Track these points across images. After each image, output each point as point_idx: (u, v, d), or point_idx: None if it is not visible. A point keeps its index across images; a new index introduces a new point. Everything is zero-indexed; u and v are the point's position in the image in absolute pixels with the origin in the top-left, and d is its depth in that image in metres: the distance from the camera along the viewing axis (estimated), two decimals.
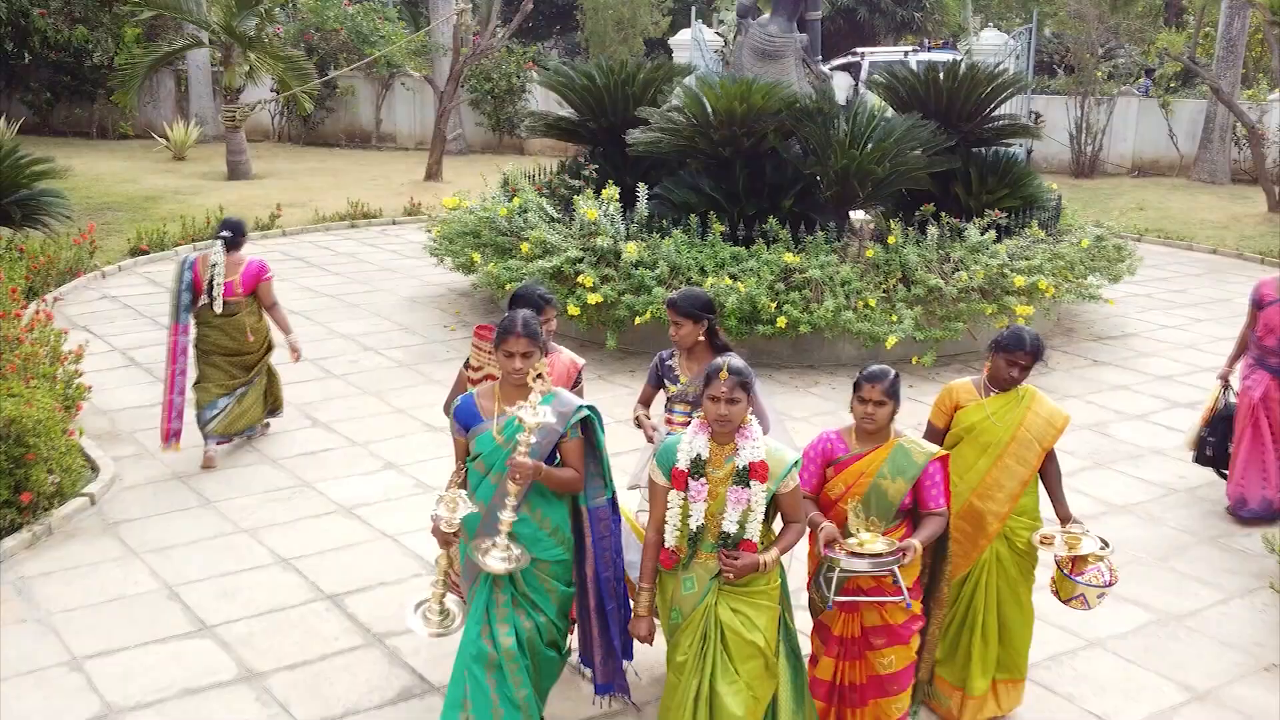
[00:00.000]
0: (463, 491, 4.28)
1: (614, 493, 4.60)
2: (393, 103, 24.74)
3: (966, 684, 4.96)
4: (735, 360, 4.13)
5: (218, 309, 7.50)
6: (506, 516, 4.21)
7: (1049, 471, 5.00)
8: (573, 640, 4.97)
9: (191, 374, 7.65)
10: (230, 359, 7.69)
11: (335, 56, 23.37)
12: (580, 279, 9.85)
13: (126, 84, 19.12)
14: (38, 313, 8.53)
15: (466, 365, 5.09)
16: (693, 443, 4.16)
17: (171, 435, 7.52)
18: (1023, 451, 4.88)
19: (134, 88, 19.25)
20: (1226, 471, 7.37)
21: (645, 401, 5.50)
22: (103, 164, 20.16)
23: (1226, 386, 7.51)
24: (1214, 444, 7.41)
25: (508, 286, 10.24)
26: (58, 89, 23.67)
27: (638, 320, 9.60)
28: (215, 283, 7.44)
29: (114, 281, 12.70)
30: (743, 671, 4.12)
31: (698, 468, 4.13)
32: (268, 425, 8.20)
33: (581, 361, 5.18)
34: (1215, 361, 10.70)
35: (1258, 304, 7.25)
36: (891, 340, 9.50)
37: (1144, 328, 11.75)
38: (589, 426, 4.41)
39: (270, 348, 7.93)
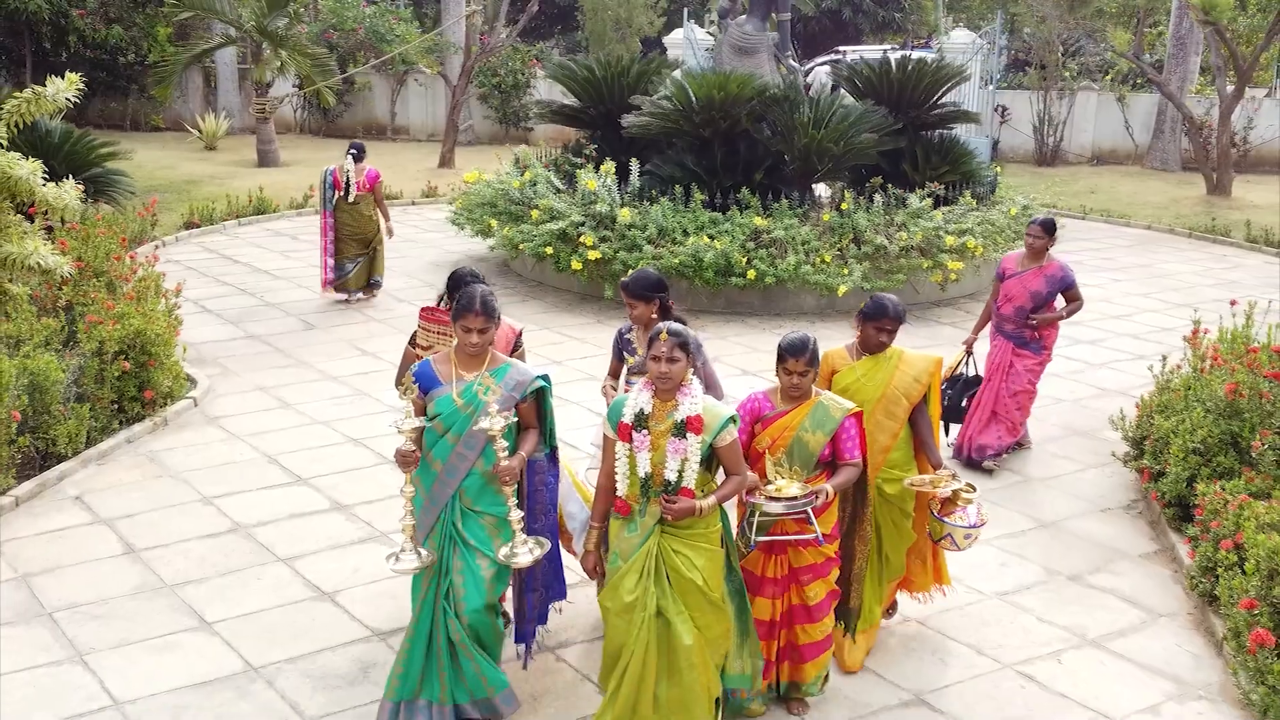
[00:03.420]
0: (416, 418, 4.64)
1: (553, 448, 5.03)
2: (406, 97, 26.56)
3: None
4: (674, 324, 4.52)
5: (350, 199, 11.54)
6: (515, 515, 4.60)
7: (919, 424, 5.41)
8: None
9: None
10: (353, 237, 11.71)
11: (353, 54, 25.19)
12: (582, 239, 11.69)
13: (165, 79, 20.91)
14: (135, 258, 10.31)
15: (413, 343, 5.52)
16: (637, 399, 4.52)
17: (329, 284, 11.79)
18: (890, 407, 5.32)
19: (172, 82, 21.08)
20: (954, 426, 8.05)
21: (614, 374, 5.79)
22: (140, 153, 21.74)
23: (969, 353, 8.03)
24: (946, 400, 7.80)
25: (521, 247, 12.12)
26: (93, 84, 25.30)
27: (631, 273, 11.41)
28: (350, 181, 11.52)
29: (173, 250, 14.52)
30: (687, 604, 4.49)
31: (641, 421, 4.47)
32: (373, 291, 12.09)
33: (519, 327, 5.61)
34: (1124, 313, 12.62)
35: (1000, 277, 7.94)
36: (843, 289, 11.32)
37: None
38: (540, 392, 4.84)
39: (378, 230, 11.88)
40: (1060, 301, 8.04)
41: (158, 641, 5.61)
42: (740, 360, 10.35)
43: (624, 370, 5.72)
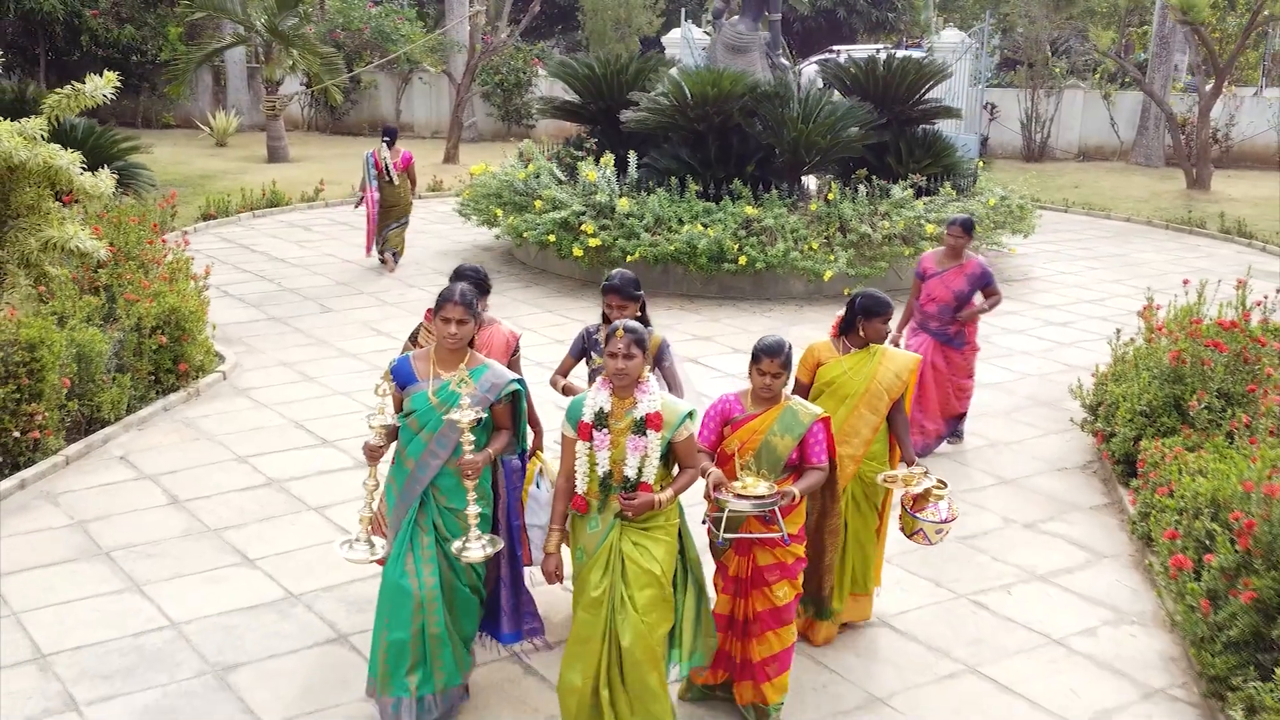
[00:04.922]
0: (389, 413, 4.70)
1: (525, 449, 5.15)
2: (411, 95, 27.28)
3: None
4: (630, 322, 4.59)
5: (388, 179, 13.24)
6: (472, 510, 4.62)
7: (896, 421, 5.62)
8: None
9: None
10: (389, 208, 13.39)
11: (359, 53, 25.89)
12: (583, 228, 12.39)
13: (177, 77, 21.59)
14: (165, 242, 10.99)
15: (414, 340, 5.66)
16: (596, 398, 4.60)
17: (373, 247, 13.59)
18: (874, 402, 5.53)
19: (185, 80, 21.75)
20: None
21: (564, 372, 5.83)
22: (155, 149, 22.54)
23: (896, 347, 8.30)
24: None
25: (525, 235, 12.82)
26: None
27: (629, 259, 12.11)
28: (388, 164, 13.22)
29: (193, 240, 15.11)
30: (639, 599, 4.53)
31: (600, 420, 4.55)
32: (394, 261, 13.67)
33: (519, 334, 5.70)
34: (1098, 298, 13.30)
35: (921, 276, 8.06)
36: (828, 274, 12.01)
37: (1045, 273, 14.28)
38: (515, 395, 4.91)
39: (410, 205, 13.63)
40: (979, 298, 8.23)
41: (206, 575, 6.30)
42: (731, 340, 11.04)
43: (588, 370, 5.80)
